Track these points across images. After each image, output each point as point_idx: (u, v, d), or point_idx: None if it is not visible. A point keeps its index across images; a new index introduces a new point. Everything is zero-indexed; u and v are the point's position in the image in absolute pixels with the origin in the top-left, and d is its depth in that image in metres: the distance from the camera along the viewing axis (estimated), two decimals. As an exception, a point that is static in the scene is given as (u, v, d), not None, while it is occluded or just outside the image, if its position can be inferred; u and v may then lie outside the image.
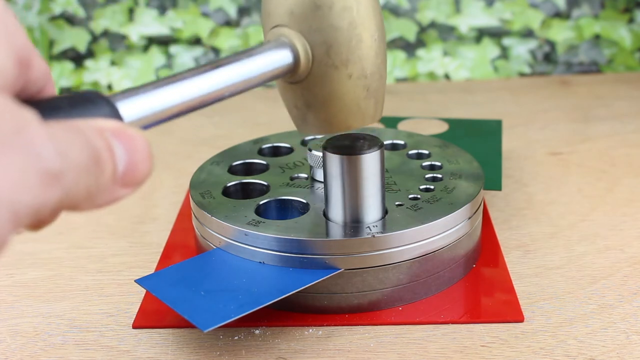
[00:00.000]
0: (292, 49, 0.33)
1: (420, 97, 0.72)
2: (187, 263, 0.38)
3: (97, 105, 0.23)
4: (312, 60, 0.33)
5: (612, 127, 0.63)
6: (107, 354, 0.36)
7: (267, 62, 0.32)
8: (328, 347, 0.36)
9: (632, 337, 0.36)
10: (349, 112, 0.34)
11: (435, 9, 0.77)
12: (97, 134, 0.21)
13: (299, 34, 0.33)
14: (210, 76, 0.29)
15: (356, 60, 0.33)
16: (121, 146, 0.22)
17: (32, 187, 0.19)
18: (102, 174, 0.21)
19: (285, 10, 0.33)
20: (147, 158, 0.23)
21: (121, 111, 0.24)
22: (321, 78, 0.33)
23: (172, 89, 0.27)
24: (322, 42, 0.33)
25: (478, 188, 0.41)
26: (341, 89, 0.34)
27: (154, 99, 0.26)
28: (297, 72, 0.33)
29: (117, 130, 0.22)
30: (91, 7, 0.77)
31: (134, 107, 0.25)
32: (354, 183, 0.37)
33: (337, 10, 0.32)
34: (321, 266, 0.36)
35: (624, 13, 0.77)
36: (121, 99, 0.25)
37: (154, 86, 0.27)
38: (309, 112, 0.35)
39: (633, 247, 0.44)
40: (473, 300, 0.39)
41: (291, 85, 0.35)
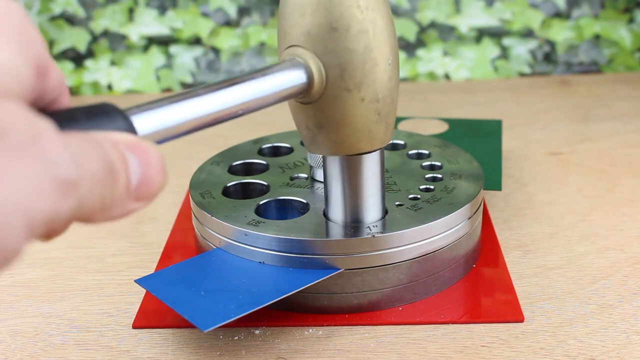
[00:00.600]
0: (307, 70, 0.33)
1: (420, 97, 0.72)
2: (187, 263, 0.38)
3: (112, 117, 0.23)
4: (325, 82, 0.33)
5: (612, 127, 0.63)
6: (107, 354, 0.36)
7: (281, 81, 0.32)
8: (328, 347, 0.36)
9: (632, 337, 0.36)
10: (360, 135, 0.34)
11: (435, 9, 0.77)
12: (112, 146, 0.21)
13: (314, 55, 0.33)
14: (225, 93, 0.29)
15: (370, 84, 0.33)
16: (136, 159, 0.22)
17: (47, 196, 0.19)
18: (116, 185, 0.21)
19: (302, 31, 0.33)
20: (160, 172, 0.23)
21: (136, 125, 0.24)
22: (334, 100, 0.33)
23: (187, 104, 0.28)
24: (336, 64, 0.33)
25: (478, 188, 0.41)
26: (353, 112, 0.33)
27: (169, 114, 0.27)
28: (310, 93, 0.33)
29: (132, 144, 0.22)
30: (91, 7, 0.77)
31: (149, 121, 0.26)
32: (354, 183, 0.37)
33: (354, 33, 0.32)
34: (321, 266, 0.36)
35: (624, 13, 0.77)
36: (136, 112, 0.25)
37: (169, 101, 0.27)
38: (319, 133, 0.35)
39: (633, 247, 0.44)
40: (473, 300, 0.39)
41: (303, 105, 0.34)
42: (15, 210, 0.18)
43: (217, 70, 0.78)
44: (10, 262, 0.19)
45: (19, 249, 0.18)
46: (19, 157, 0.18)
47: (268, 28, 0.78)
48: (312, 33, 0.33)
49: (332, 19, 0.32)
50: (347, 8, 0.32)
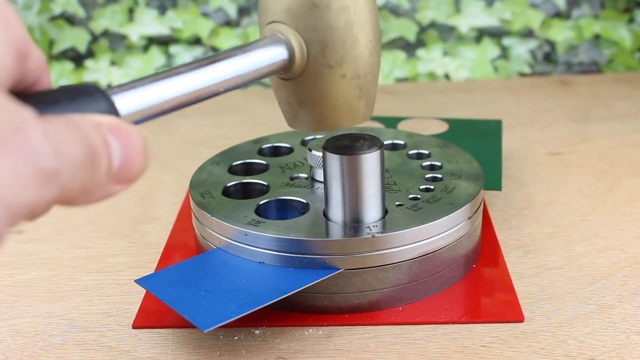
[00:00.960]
0: (288, 46, 0.33)
1: (420, 97, 0.72)
2: (187, 263, 0.38)
3: (94, 98, 0.23)
4: (307, 58, 0.33)
5: (612, 127, 0.63)
6: (107, 354, 0.36)
7: (263, 57, 0.32)
8: (328, 347, 0.36)
9: (632, 337, 0.36)
10: (341, 111, 0.35)
11: (435, 9, 0.77)
12: (94, 129, 0.21)
13: (295, 32, 0.33)
14: (206, 71, 0.29)
15: (351, 61, 0.33)
16: (117, 142, 0.22)
17: (28, 186, 0.19)
18: (97, 169, 0.21)
19: (283, 7, 0.33)
20: (142, 154, 0.23)
21: (117, 105, 0.25)
22: (315, 76, 0.33)
23: (168, 83, 0.28)
24: (318, 40, 0.33)
25: (478, 188, 0.41)
26: (334, 88, 0.34)
27: (150, 92, 0.27)
28: (291, 69, 0.33)
29: (113, 126, 0.22)
30: (91, 7, 0.77)
31: (131, 100, 0.26)
32: (354, 183, 0.37)
33: (335, 9, 0.32)
34: (321, 266, 0.36)
35: (624, 13, 0.77)
36: (118, 92, 0.25)
37: (150, 80, 0.27)
38: (300, 109, 0.35)
39: (633, 247, 0.44)
40: (473, 300, 0.39)
41: (284, 81, 0.35)
42: None
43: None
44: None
45: (2, 237, 0.19)
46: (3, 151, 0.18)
47: (268, 28, 0.77)
48: (293, 9, 0.33)
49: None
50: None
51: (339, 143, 0.38)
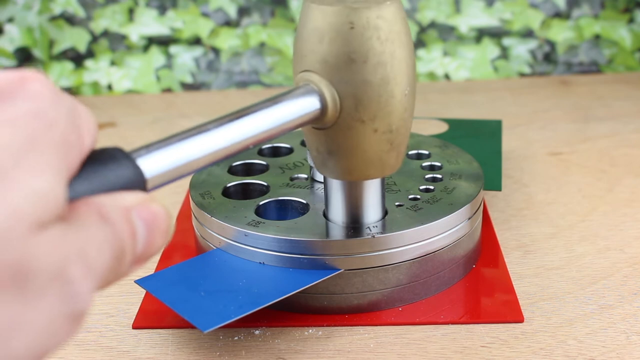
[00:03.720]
0: (321, 98, 0.32)
1: (420, 97, 0.72)
2: (187, 264, 0.38)
3: (119, 163, 0.22)
4: (339, 111, 0.32)
5: (612, 127, 0.63)
6: (107, 354, 0.36)
7: (295, 109, 0.31)
8: (328, 347, 0.36)
9: (632, 338, 0.36)
10: (370, 163, 0.34)
11: (435, 9, 0.77)
12: (124, 218, 0.20)
13: (329, 84, 0.32)
14: (235, 126, 0.28)
15: (384, 117, 0.32)
16: (143, 225, 0.21)
17: (61, 332, 0.18)
18: (122, 265, 0.20)
19: (318, 58, 0.32)
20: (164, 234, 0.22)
21: (143, 167, 0.23)
22: (346, 130, 0.33)
23: (196, 141, 0.26)
24: (352, 95, 0.32)
25: (478, 188, 0.41)
26: (365, 142, 0.33)
27: (177, 153, 0.26)
28: (322, 121, 0.32)
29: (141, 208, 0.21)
30: (91, 7, 0.77)
31: (157, 163, 0.25)
32: (355, 192, 0.37)
33: (372, 65, 0.32)
34: (321, 267, 0.36)
35: (624, 13, 0.77)
36: (143, 154, 0.24)
37: (177, 139, 0.26)
38: (330, 158, 0.34)
39: (633, 247, 0.44)
40: (473, 301, 0.39)
41: (316, 129, 0.34)
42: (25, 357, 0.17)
43: (217, 70, 0.78)
44: None
45: None
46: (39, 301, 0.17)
47: (268, 28, 0.78)
48: (328, 61, 0.32)
49: (351, 49, 0.31)
50: (367, 40, 0.31)
51: None
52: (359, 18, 0.31)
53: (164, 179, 0.25)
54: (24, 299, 0.17)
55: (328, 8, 0.32)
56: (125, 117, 0.70)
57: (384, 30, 0.32)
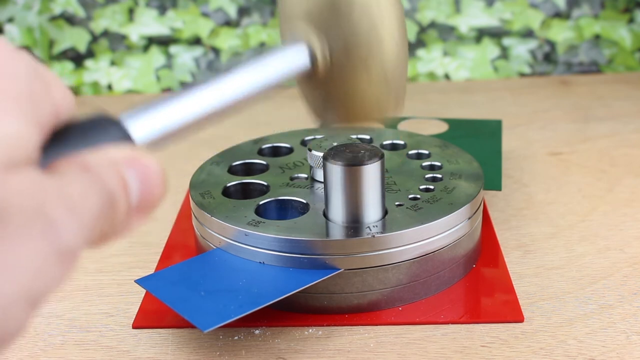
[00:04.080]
0: (310, 49, 0.32)
1: (420, 97, 0.72)
2: (187, 263, 0.38)
3: (107, 129, 0.22)
4: (330, 61, 0.32)
5: (612, 127, 0.63)
6: (106, 354, 0.36)
7: (285, 62, 0.30)
8: (328, 347, 0.36)
9: (632, 338, 0.36)
10: (370, 108, 0.34)
11: (435, 9, 0.77)
12: (111, 169, 0.20)
13: (317, 32, 0.32)
14: (225, 83, 0.27)
15: (376, 62, 0.32)
16: (135, 177, 0.21)
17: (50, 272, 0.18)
18: (116, 214, 0.20)
19: (303, 10, 0.32)
20: (160, 184, 0.22)
21: (132, 132, 0.23)
22: (340, 79, 0.33)
23: (185, 101, 0.25)
24: (341, 44, 0.32)
25: (478, 188, 0.41)
26: (361, 90, 0.33)
27: (167, 114, 0.25)
28: (315, 73, 0.32)
29: (130, 160, 0.21)
30: (91, 7, 0.77)
31: (146, 126, 0.24)
32: (355, 193, 0.37)
33: (357, 12, 0.32)
34: (321, 266, 0.36)
35: (624, 13, 0.77)
36: (132, 118, 0.23)
37: (166, 100, 0.25)
38: (327, 107, 0.34)
39: (633, 247, 0.44)
40: (473, 301, 0.39)
41: (309, 81, 0.34)
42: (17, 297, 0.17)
43: (217, 70, 0.78)
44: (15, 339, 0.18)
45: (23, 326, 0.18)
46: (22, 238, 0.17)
47: (268, 28, 0.78)
48: (314, 13, 0.32)
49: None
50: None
51: (339, 153, 0.38)
52: None
53: (155, 143, 0.24)
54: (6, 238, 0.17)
55: None
56: (125, 117, 0.70)
57: None
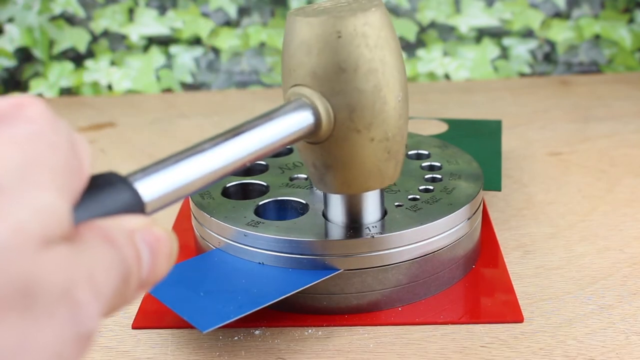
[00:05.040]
0: (314, 111, 0.32)
1: (420, 97, 0.72)
2: (187, 264, 0.38)
3: (117, 188, 0.22)
4: (334, 123, 0.32)
5: (612, 127, 0.63)
6: (106, 354, 0.36)
7: (289, 124, 0.31)
8: (328, 347, 0.36)
9: (632, 338, 0.36)
10: (369, 174, 0.34)
11: (435, 9, 0.77)
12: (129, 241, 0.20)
13: (321, 96, 0.32)
14: (231, 145, 0.28)
15: (379, 124, 0.32)
16: (147, 250, 0.21)
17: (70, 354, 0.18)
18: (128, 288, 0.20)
19: (308, 71, 0.32)
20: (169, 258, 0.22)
21: (140, 191, 0.23)
22: (342, 141, 0.32)
23: (192, 162, 0.26)
24: (345, 105, 0.32)
25: (477, 188, 0.41)
26: (362, 152, 0.33)
27: (174, 175, 0.25)
28: (317, 134, 0.32)
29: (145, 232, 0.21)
30: (91, 7, 0.77)
31: (154, 186, 0.24)
32: (354, 198, 0.37)
33: (363, 73, 0.31)
34: (321, 267, 0.36)
35: (624, 13, 0.77)
36: (140, 178, 0.24)
37: (173, 161, 0.26)
38: (327, 172, 0.34)
39: (633, 247, 0.44)
40: (473, 301, 0.39)
41: (311, 145, 0.33)
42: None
43: (217, 70, 0.78)
44: None
45: None
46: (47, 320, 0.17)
47: (268, 28, 0.78)
48: (318, 73, 0.32)
49: (340, 59, 0.31)
50: (355, 47, 0.31)
51: None
52: (346, 26, 0.31)
53: (162, 202, 0.25)
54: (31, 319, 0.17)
55: (314, 19, 0.31)
56: (125, 117, 0.70)
57: (372, 37, 0.31)
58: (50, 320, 0.17)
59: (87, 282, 0.18)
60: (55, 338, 0.17)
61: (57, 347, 0.17)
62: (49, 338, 0.17)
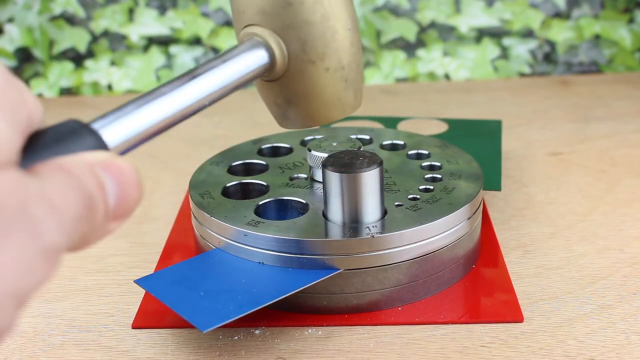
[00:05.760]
0: (267, 48, 0.33)
1: (420, 97, 0.72)
2: (187, 263, 0.38)
3: (80, 135, 0.23)
4: (288, 57, 0.33)
5: (612, 127, 0.63)
6: (106, 354, 0.36)
7: (244, 64, 0.32)
8: (327, 347, 0.36)
9: (632, 337, 0.36)
10: (330, 104, 0.34)
11: (435, 9, 0.77)
12: (88, 172, 0.21)
13: (273, 32, 0.33)
14: (189, 87, 0.29)
15: (332, 53, 0.33)
16: (111, 179, 0.22)
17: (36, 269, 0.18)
18: (95, 215, 0.21)
19: (257, 10, 0.33)
20: (136, 187, 0.22)
21: (104, 137, 0.24)
22: (299, 74, 0.33)
23: (152, 106, 0.28)
24: (296, 38, 0.32)
25: (477, 188, 0.41)
26: (320, 83, 0.33)
27: (136, 119, 0.26)
28: (274, 71, 0.33)
29: (106, 163, 0.22)
30: (91, 7, 0.77)
31: (117, 131, 0.25)
32: (354, 200, 0.37)
33: (309, 4, 0.32)
34: (320, 266, 0.36)
35: (624, 13, 0.77)
36: (103, 124, 0.25)
37: (134, 106, 0.27)
38: (289, 108, 0.35)
39: (633, 247, 0.44)
40: (473, 301, 0.39)
41: (269, 83, 0.34)
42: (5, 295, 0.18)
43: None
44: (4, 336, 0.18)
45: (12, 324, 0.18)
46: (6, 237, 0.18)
47: (268, 28, 0.77)
48: (267, 10, 0.32)
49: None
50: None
51: (339, 160, 0.38)
52: None
53: (126, 146, 0.26)
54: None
55: None
56: (125, 117, 0.70)
57: None
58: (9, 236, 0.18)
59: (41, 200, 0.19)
60: (18, 252, 0.18)
61: (22, 261, 0.18)
62: (11, 253, 0.18)
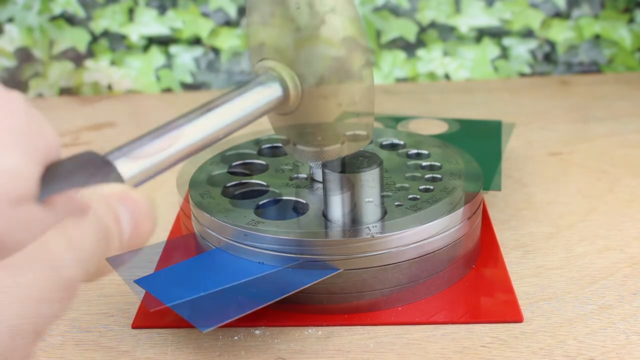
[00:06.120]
0: (281, 82, 0.33)
1: (420, 97, 0.72)
2: (187, 263, 0.38)
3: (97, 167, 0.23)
4: (301, 92, 0.33)
5: (612, 127, 0.63)
6: (106, 354, 0.36)
7: (258, 98, 0.32)
8: (327, 347, 0.36)
9: (632, 338, 0.36)
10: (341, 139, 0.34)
11: (435, 9, 0.77)
12: (104, 205, 0.21)
13: (287, 67, 0.33)
14: (204, 120, 0.30)
15: (345, 89, 0.33)
16: (126, 212, 0.22)
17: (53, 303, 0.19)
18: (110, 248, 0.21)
19: (273, 45, 0.33)
20: (150, 219, 0.23)
21: (120, 169, 0.24)
22: (311, 108, 0.33)
23: (167, 139, 0.28)
24: (310, 73, 0.32)
25: (477, 188, 0.41)
26: (332, 118, 0.33)
27: (151, 151, 0.27)
28: (287, 104, 0.33)
29: (122, 196, 0.22)
30: (91, 7, 0.77)
31: (132, 162, 0.26)
32: (354, 199, 0.37)
33: (324, 42, 0.32)
34: (320, 266, 0.36)
35: (624, 13, 0.77)
36: (118, 155, 0.25)
37: (149, 138, 0.27)
38: (301, 141, 0.35)
39: (633, 247, 0.44)
40: (473, 301, 0.39)
41: (282, 116, 0.34)
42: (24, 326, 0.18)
43: (217, 70, 0.78)
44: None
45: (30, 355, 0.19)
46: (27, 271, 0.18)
47: (268, 28, 0.77)
48: (282, 46, 0.32)
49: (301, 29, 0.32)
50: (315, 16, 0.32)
51: (338, 160, 0.38)
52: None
53: (140, 178, 0.26)
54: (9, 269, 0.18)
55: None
56: (125, 117, 0.70)
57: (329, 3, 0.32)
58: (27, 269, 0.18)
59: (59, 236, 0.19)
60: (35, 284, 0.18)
61: (39, 293, 0.18)
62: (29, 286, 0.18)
